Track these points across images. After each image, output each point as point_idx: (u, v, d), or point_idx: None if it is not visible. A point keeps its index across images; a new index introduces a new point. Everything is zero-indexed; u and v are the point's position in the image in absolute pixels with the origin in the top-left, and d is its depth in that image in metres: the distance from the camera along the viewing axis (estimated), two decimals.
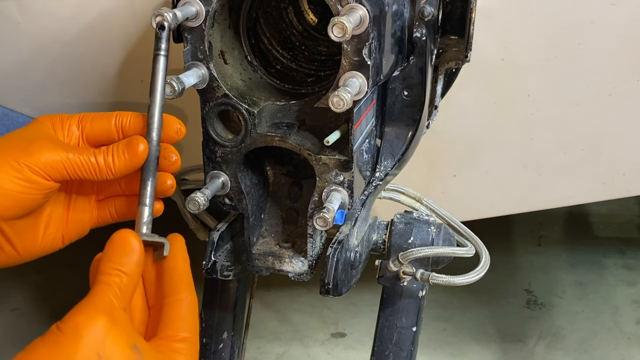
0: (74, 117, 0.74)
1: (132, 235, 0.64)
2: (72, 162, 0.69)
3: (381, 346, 0.93)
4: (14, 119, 1.10)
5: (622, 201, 1.85)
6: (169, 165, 0.74)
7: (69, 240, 0.77)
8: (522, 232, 2.19)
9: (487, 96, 1.03)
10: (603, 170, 1.08)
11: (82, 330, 0.57)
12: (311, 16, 0.88)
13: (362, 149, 0.78)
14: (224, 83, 0.73)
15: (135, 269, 0.63)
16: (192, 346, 0.65)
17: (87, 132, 0.73)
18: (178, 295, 0.66)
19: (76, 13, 1.01)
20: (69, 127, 0.73)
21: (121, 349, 0.58)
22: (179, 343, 0.64)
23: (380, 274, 0.91)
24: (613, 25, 0.96)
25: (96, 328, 0.57)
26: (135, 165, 0.70)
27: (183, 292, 0.66)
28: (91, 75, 1.07)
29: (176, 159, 0.74)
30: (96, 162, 0.70)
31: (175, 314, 0.65)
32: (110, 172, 0.70)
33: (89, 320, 0.57)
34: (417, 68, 0.84)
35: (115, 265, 0.62)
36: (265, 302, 1.86)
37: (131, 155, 0.70)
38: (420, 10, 0.82)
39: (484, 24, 0.94)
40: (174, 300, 0.66)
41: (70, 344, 0.56)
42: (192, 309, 0.67)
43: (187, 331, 0.65)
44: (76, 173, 0.69)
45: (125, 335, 0.59)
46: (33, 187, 0.67)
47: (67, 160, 0.68)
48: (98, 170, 0.70)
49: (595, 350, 1.68)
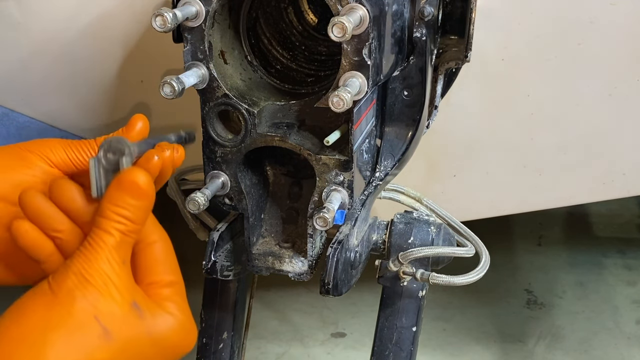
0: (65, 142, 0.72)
1: (144, 176, 0.58)
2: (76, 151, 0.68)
3: (381, 346, 0.93)
4: (14, 119, 1.10)
5: (622, 201, 1.85)
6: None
7: None
8: (522, 232, 2.18)
9: (487, 96, 1.03)
10: (603, 170, 1.08)
11: (76, 292, 0.54)
12: (311, 16, 0.88)
13: (362, 149, 0.78)
14: (224, 83, 0.73)
15: (144, 215, 0.58)
16: (181, 288, 0.62)
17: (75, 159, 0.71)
18: (150, 238, 0.62)
19: (76, 13, 1.01)
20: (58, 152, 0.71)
21: (120, 308, 0.55)
22: (168, 288, 0.61)
23: (380, 274, 0.91)
24: (613, 25, 0.96)
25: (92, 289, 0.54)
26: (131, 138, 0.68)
27: (154, 234, 0.62)
28: (91, 75, 1.07)
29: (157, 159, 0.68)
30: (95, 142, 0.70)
31: (153, 258, 0.61)
32: None
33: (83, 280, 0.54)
34: (417, 68, 0.84)
35: (120, 209, 0.57)
36: (265, 302, 1.86)
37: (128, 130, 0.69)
38: (420, 10, 0.82)
39: (484, 24, 0.94)
40: (147, 244, 0.61)
41: (65, 307, 0.53)
42: (169, 251, 0.63)
43: (171, 273, 0.62)
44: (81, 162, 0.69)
45: (125, 292, 0.56)
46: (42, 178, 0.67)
47: (70, 150, 0.68)
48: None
49: (595, 350, 1.68)
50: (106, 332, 0.54)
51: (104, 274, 0.55)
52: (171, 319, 0.60)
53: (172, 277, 0.62)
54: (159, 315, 0.59)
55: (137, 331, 0.56)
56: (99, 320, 0.53)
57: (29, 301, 0.54)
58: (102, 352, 0.53)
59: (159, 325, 0.58)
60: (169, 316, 0.60)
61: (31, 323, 0.52)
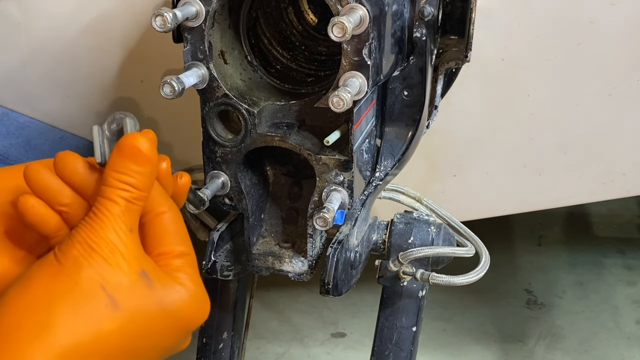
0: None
1: (145, 140, 0.56)
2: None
3: (381, 346, 0.93)
4: (14, 119, 1.10)
5: (622, 201, 1.84)
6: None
7: None
8: (522, 232, 2.18)
9: (487, 96, 1.03)
10: (603, 170, 1.08)
11: (82, 261, 0.52)
12: (311, 16, 0.88)
13: (362, 149, 0.78)
14: (224, 83, 0.73)
15: (148, 181, 0.57)
16: (192, 259, 0.61)
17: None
18: (159, 209, 0.60)
19: (76, 13, 1.01)
20: None
21: (128, 277, 0.53)
22: (179, 259, 0.60)
23: (380, 274, 0.91)
24: (613, 25, 0.96)
25: (98, 258, 0.52)
26: None
27: (163, 205, 0.60)
28: (91, 75, 1.07)
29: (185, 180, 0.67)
30: None
31: (163, 229, 0.59)
32: None
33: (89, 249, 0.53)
34: (417, 68, 0.84)
35: (123, 176, 0.55)
36: (265, 302, 1.86)
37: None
38: (420, 10, 0.82)
39: (484, 24, 0.94)
40: (156, 214, 0.59)
41: (71, 276, 0.52)
42: (179, 221, 0.61)
43: (182, 244, 0.60)
44: None
45: (132, 260, 0.54)
46: None
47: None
48: None
49: (595, 350, 1.68)
50: (113, 302, 0.52)
51: (110, 242, 0.54)
52: (183, 290, 0.58)
53: (183, 248, 0.60)
54: (169, 286, 0.57)
55: (147, 301, 0.55)
56: (106, 289, 0.52)
57: (34, 272, 0.53)
58: (109, 321, 0.52)
59: (170, 295, 0.57)
60: (180, 287, 0.58)
61: (37, 293, 0.51)
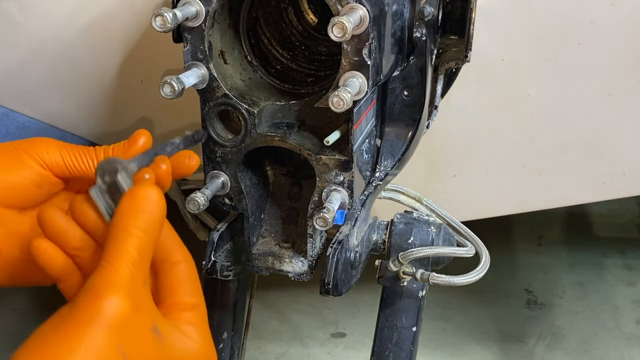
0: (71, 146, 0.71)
1: (154, 189, 0.56)
2: (72, 156, 0.67)
3: (381, 346, 0.93)
4: (14, 119, 1.10)
5: (622, 201, 1.84)
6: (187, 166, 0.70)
7: None
8: (522, 232, 2.18)
9: (487, 96, 1.03)
10: (603, 170, 1.08)
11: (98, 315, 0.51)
12: (311, 16, 0.88)
13: (362, 149, 0.78)
14: (224, 83, 0.73)
15: (156, 227, 0.56)
16: (203, 312, 0.60)
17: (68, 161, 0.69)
18: (174, 258, 0.60)
19: (76, 13, 1.01)
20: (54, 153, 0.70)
21: (143, 334, 0.52)
22: (190, 312, 0.59)
23: (380, 274, 0.91)
24: (613, 25, 0.96)
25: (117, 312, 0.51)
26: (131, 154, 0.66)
27: (178, 254, 0.60)
28: (91, 75, 1.07)
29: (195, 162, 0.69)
30: (95, 157, 0.68)
31: (177, 279, 0.59)
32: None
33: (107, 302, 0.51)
34: (417, 68, 0.84)
35: (137, 223, 0.54)
36: (265, 302, 1.86)
37: (130, 145, 0.68)
38: (420, 10, 0.82)
39: (484, 24, 0.94)
40: (171, 264, 0.59)
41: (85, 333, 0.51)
42: (193, 272, 0.61)
43: (194, 296, 0.60)
44: (76, 168, 0.68)
45: (146, 317, 0.53)
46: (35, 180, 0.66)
47: (67, 154, 0.67)
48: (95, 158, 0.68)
49: (595, 350, 1.68)
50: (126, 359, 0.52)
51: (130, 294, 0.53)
52: (191, 344, 0.58)
53: (195, 300, 0.60)
54: (179, 340, 0.57)
55: (157, 357, 0.54)
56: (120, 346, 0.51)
57: (48, 329, 0.53)
58: None
59: (179, 351, 0.57)
60: (190, 341, 0.58)
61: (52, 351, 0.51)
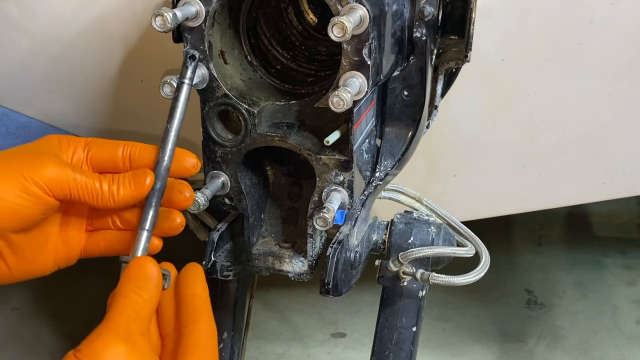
0: (81, 139, 0.73)
1: (149, 261, 0.64)
2: (77, 182, 0.68)
3: (381, 346, 0.93)
4: (14, 119, 1.10)
5: (622, 201, 1.85)
6: (182, 200, 0.72)
7: (57, 265, 0.76)
8: (522, 232, 2.18)
9: (487, 96, 1.03)
10: (603, 170, 1.08)
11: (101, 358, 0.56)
12: (311, 16, 0.88)
13: (362, 149, 0.78)
14: (224, 83, 0.73)
15: (153, 293, 0.62)
16: None
17: (92, 156, 0.72)
18: (198, 325, 0.65)
19: (76, 13, 1.01)
20: (74, 149, 0.72)
21: None
22: None
23: (380, 274, 0.91)
24: (613, 25, 0.96)
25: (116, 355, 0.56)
26: (138, 197, 0.69)
27: (202, 321, 0.65)
28: (91, 75, 1.07)
29: (190, 195, 0.72)
30: (100, 188, 0.69)
31: (195, 343, 0.64)
32: (113, 200, 0.69)
33: (107, 346, 0.56)
34: (417, 68, 0.84)
35: (132, 289, 0.61)
36: (265, 302, 1.86)
37: (137, 186, 0.69)
38: (420, 10, 0.82)
39: (484, 24, 0.94)
40: (194, 329, 0.64)
41: None
42: (212, 338, 0.65)
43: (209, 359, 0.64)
44: (79, 194, 0.68)
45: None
46: (34, 202, 0.66)
47: (72, 179, 0.67)
48: (100, 197, 0.69)
49: (595, 350, 1.68)
50: None
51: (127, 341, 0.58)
52: None
53: None
54: None
55: None
56: None
57: None
58: None
59: None
60: None
61: None
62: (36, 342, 1.75)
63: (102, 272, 1.95)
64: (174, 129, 0.68)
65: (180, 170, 0.71)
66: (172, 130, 0.67)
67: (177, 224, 0.72)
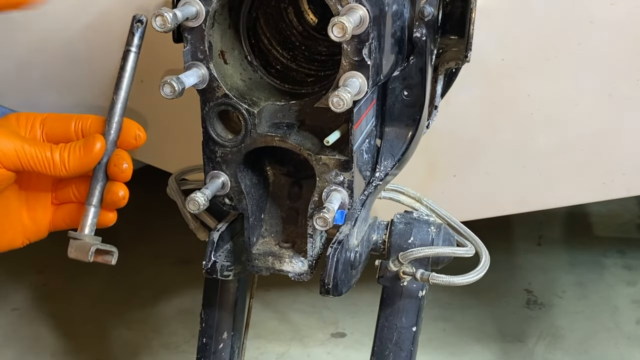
0: (38, 115, 0.75)
1: None
2: (27, 152, 0.69)
3: (381, 346, 0.93)
4: None
5: (622, 201, 1.85)
6: (118, 173, 0.72)
7: (27, 238, 0.77)
8: (522, 232, 2.19)
9: (487, 96, 1.03)
10: (603, 170, 1.08)
11: None
12: (311, 16, 0.88)
13: (362, 149, 0.78)
14: (224, 83, 0.73)
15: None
16: None
17: (47, 131, 0.74)
18: None
19: (76, 12, 1.01)
20: (32, 124, 0.74)
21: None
22: None
23: (380, 274, 0.91)
24: (613, 25, 0.96)
25: None
26: (89, 163, 0.70)
27: None
28: (91, 75, 1.07)
29: (127, 166, 0.72)
30: (51, 157, 0.70)
31: None
32: (64, 168, 0.70)
33: None
34: (417, 68, 0.84)
35: None
36: (265, 302, 1.86)
37: (86, 152, 0.70)
38: (420, 10, 0.82)
39: (484, 24, 0.94)
40: None
41: None
42: None
43: None
44: (30, 165, 0.69)
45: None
46: None
47: (21, 149, 0.69)
48: (52, 165, 0.70)
49: (595, 350, 1.68)
50: None
51: None
52: None
53: None
54: None
55: None
56: None
57: None
58: None
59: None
60: None
61: None
62: (36, 342, 1.75)
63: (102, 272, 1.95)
64: (121, 101, 0.68)
65: (125, 143, 0.73)
66: (118, 102, 0.68)
67: (119, 197, 0.72)
